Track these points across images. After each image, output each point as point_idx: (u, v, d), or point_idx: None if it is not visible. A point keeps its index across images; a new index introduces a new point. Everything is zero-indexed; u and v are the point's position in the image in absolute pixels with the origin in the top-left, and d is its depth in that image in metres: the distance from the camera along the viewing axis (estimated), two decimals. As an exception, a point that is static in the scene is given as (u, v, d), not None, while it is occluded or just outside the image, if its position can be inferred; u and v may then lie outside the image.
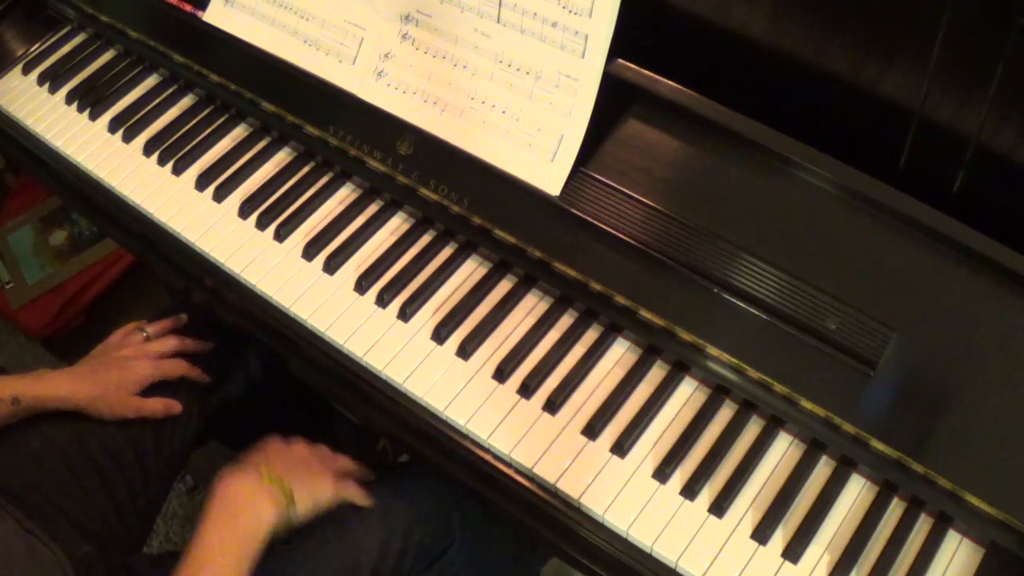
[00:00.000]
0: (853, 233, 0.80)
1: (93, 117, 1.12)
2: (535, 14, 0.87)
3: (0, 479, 0.91)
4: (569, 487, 0.80)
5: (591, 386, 0.86)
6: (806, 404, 0.79)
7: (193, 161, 1.06)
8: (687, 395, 0.85)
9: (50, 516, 0.90)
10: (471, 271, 0.94)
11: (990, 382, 0.74)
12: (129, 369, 1.01)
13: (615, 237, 0.85)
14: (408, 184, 0.95)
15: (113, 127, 1.10)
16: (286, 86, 1.02)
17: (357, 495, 0.93)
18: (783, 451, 0.82)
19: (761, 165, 0.83)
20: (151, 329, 1.09)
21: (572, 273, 0.87)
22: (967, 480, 0.73)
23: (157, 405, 1.02)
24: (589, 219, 0.86)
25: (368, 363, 0.88)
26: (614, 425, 0.83)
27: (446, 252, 0.95)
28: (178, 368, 1.05)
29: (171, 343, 1.07)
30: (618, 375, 0.86)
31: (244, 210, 1.00)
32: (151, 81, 1.15)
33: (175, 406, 1.03)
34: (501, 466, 0.83)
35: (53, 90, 1.16)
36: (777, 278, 0.80)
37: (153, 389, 1.03)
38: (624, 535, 0.78)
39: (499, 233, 0.91)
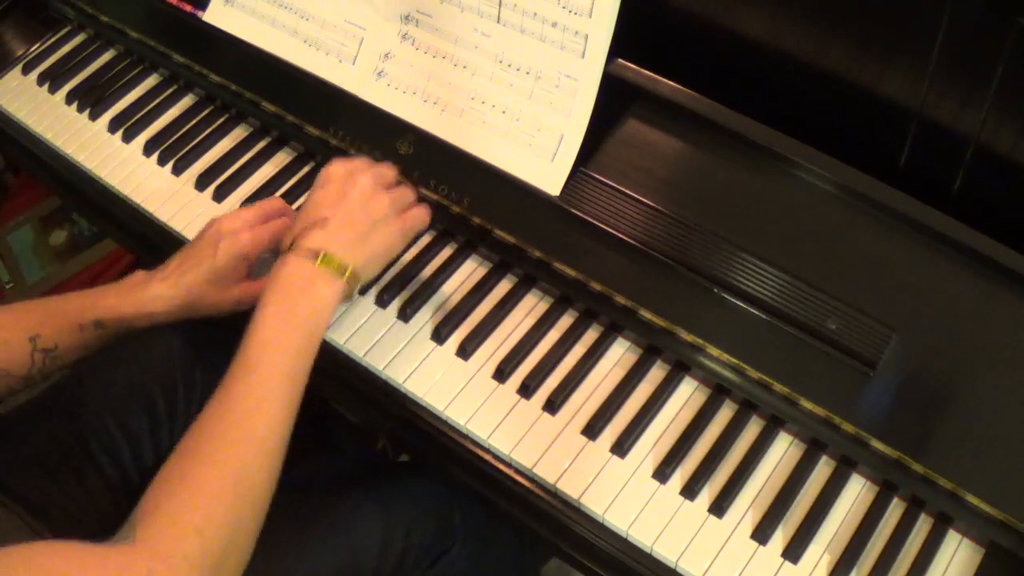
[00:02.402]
0: (853, 233, 0.80)
1: (93, 117, 1.12)
2: (535, 14, 0.87)
3: (3, 478, 0.91)
4: (569, 487, 0.80)
5: (591, 386, 0.86)
6: (806, 404, 0.79)
7: (193, 161, 1.06)
8: (687, 395, 0.85)
9: (54, 515, 0.90)
10: (471, 271, 0.94)
11: (990, 382, 0.74)
12: (222, 251, 0.85)
13: (615, 237, 0.85)
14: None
15: (113, 127, 1.10)
16: (286, 86, 1.02)
17: (420, 223, 0.85)
18: (783, 451, 0.82)
19: (761, 165, 0.83)
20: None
21: (572, 273, 0.87)
22: (967, 480, 0.73)
23: (255, 286, 0.87)
24: (589, 219, 0.86)
25: (368, 363, 0.88)
26: (614, 425, 0.83)
27: (446, 252, 0.95)
28: (271, 230, 0.88)
29: (270, 205, 0.90)
30: (618, 375, 0.86)
31: (244, 210, 1.00)
32: (151, 81, 1.15)
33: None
34: (501, 466, 0.83)
35: (53, 90, 1.16)
36: (777, 278, 0.80)
37: (152, 377, 1.02)
38: (624, 535, 0.78)
39: (499, 233, 0.91)
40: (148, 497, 0.69)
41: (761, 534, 0.77)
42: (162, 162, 1.06)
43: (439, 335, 0.89)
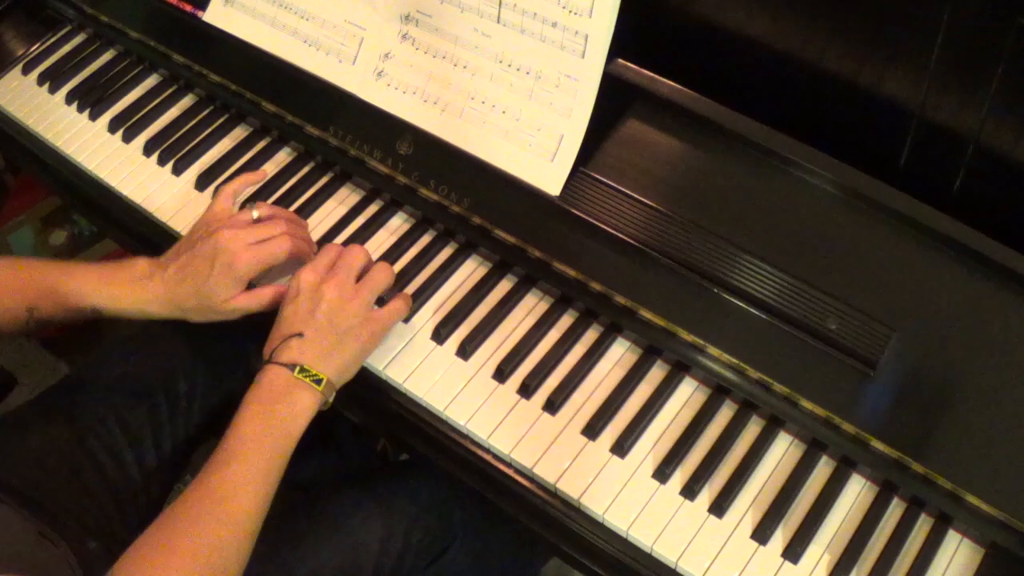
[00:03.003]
0: (853, 233, 0.80)
1: (93, 117, 1.12)
2: (535, 14, 0.87)
3: (4, 478, 0.91)
4: (569, 487, 0.80)
5: (591, 386, 0.86)
6: (806, 404, 0.79)
7: (193, 161, 1.06)
8: (687, 395, 0.85)
9: (55, 514, 0.90)
10: (471, 271, 0.94)
11: (990, 382, 0.74)
12: (217, 272, 0.86)
13: (615, 237, 0.85)
14: (408, 184, 0.95)
15: (113, 127, 1.10)
16: (286, 86, 1.02)
17: (397, 316, 0.88)
18: (783, 451, 0.82)
19: (761, 165, 0.83)
20: (261, 211, 0.91)
21: (572, 273, 0.87)
22: (967, 480, 0.73)
23: (264, 295, 0.88)
24: (589, 219, 0.86)
25: (368, 363, 0.88)
26: (614, 425, 0.83)
27: (446, 252, 0.95)
28: (288, 246, 0.88)
29: (280, 225, 0.89)
30: (618, 375, 0.86)
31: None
32: (151, 81, 1.15)
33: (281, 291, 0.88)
34: (501, 466, 0.83)
35: (53, 90, 1.16)
36: (777, 278, 0.80)
37: (153, 379, 1.02)
38: (624, 535, 0.78)
39: (499, 233, 0.91)
40: (124, 562, 0.72)
41: (761, 534, 0.77)
42: (162, 162, 1.06)
43: (439, 335, 0.89)
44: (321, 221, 0.99)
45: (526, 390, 0.85)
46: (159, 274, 0.88)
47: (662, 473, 0.80)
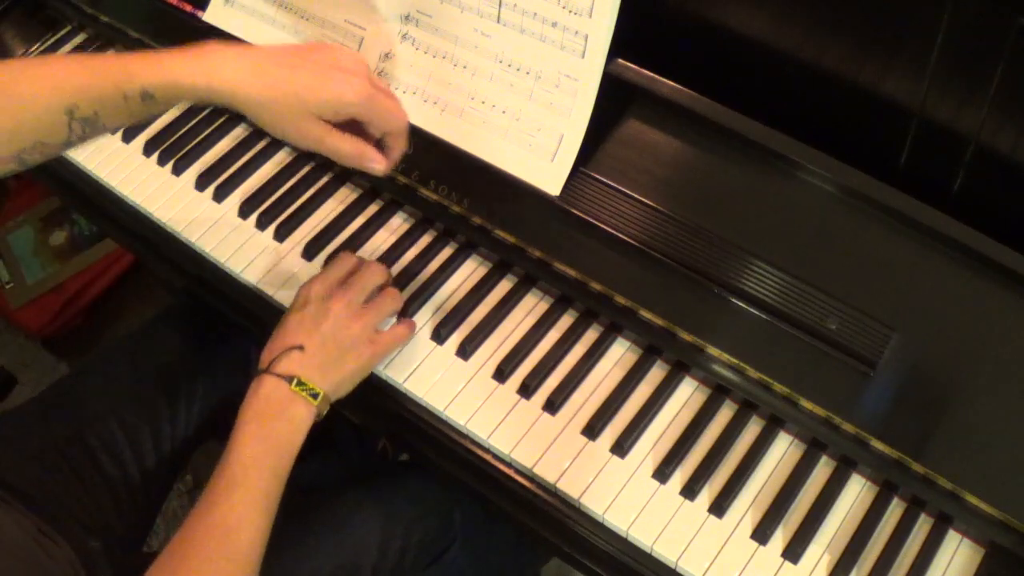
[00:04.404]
0: (853, 233, 0.80)
1: (93, 117, 1.12)
2: (535, 14, 0.87)
3: (5, 477, 0.91)
4: (569, 487, 0.80)
5: (591, 386, 0.86)
6: (806, 404, 0.79)
7: (193, 161, 1.06)
8: (687, 395, 0.85)
9: (56, 513, 0.90)
10: (471, 271, 0.94)
11: (990, 382, 0.74)
12: (335, 78, 0.76)
13: (615, 237, 0.85)
14: (408, 184, 0.95)
15: (113, 127, 1.10)
16: (286, 86, 1.02)
17: (394, 345, 0.86)
18: (783, 451, 0.82)
19: (761, 165, 0.83)
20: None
21: (572, 273, 0.87)
22: (967, 480, 0.73)
23: (339, 138, 0.79)
24: (589, 219, 0.86)
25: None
26: (614, 425, 0.83)
27: (446, 252, 0.95)
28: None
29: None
30: (618, 375, 0.86)
31: (244, 210, 1.00)
32: (151, 81, 1.15)
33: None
34: (501, 466, 0.83)
35: (53, 90, 1.16)
36: (777, 278, 0.80)
37: (153, 379, 1.02)
38: (624, 535, 0.78)
39: (499, 233, 0.91)
40: None
41: (761, 534, 0.77)
42: (162, 162, 1.06)
43: (439, 335, 0.89)
44: (321, 221, 0.99)
45: (526, 390, 0.85)
46: (239, 46, 0.76)
47: (662, 473, 0.80)
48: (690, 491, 0.79)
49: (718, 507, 0.78)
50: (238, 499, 0.74)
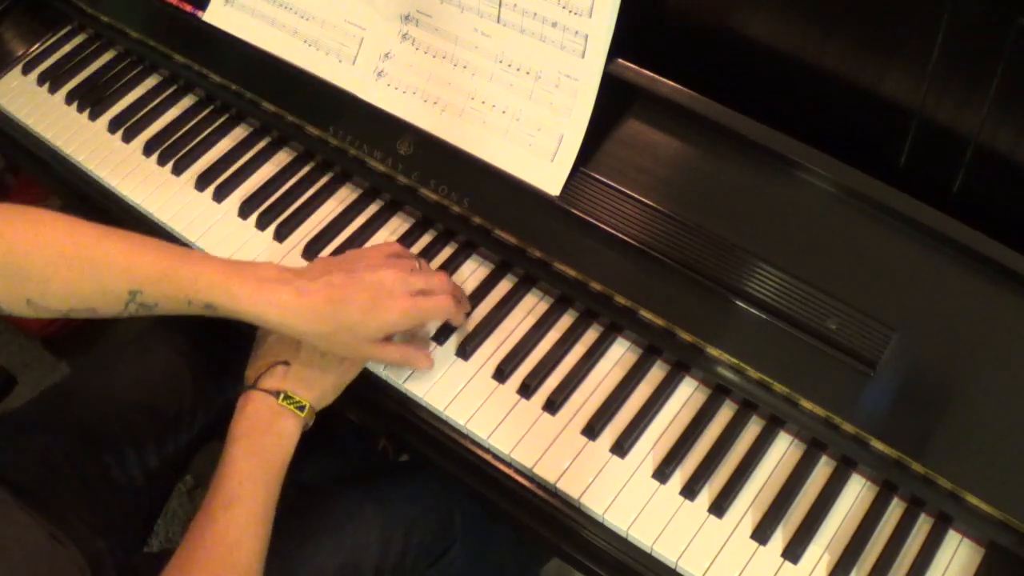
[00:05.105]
0: (853, 233, 0.80)
1: (93, 117, 1.12)
2: (535, 14, 0.87)
3: (11, 477, 0.91)
4: (569, 487, 0.80)
5: (591, 386, 0.86)
6: (806, 404, 0.79)
7: (193, 161, 1.06)
8: (687, 395, 0.85)
9: (62, 513, 0.90)
10: (471, 271, 0.94)
11: (990, 382, 0.74)
12: (382, 308, 0.79)
13: (615, 237, 0.85)
14: (408, 184, 0.95)
15: (113, 127, 1.10)
16: (286, 86, 1.02)
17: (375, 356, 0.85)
18: (783, 451, 0.82)
19: (761, 165, 0.83)
20: (424, 267, 0.87)
21: (572, 273, 0.87)
22: (967, 480, 0.73)
23: (402, 354, 0.84)
24: (589, 219, 0.86)
25: (368, 364, 0.88)
26: (614, 425, 0.83)
27: (446, 252, 0.95)
28: (449, 308, 0.84)
29: (445, 284, 0.86)
30: (618, 375, 0.86)
31: (244, 210, 1.00)
32: (151, 81, 1.15)
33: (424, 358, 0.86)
34: (501, 466, 0.83)
35: (53, 90, 1.16)
36: (777, 278, 0.80)
37: (156, 380, 1.02)
38: (624, 535, 0.78)
39: (499, 233, 0.91)
40: None
41: (761, 534, 0.77)
42: (162, 162, 1.06)
43: (439, 335, 0.89)
44: (321, 221, 0.99)
45: (526, 390, 0.85)
46: (296, 282, 0.78)
47: (662, 473, 0.80)
48: (690, 491, 0.79)
49: (718, 507, 0.78)
50: (236, 514, 0.76)
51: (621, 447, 0.81)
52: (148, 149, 1.07)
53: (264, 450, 0.80)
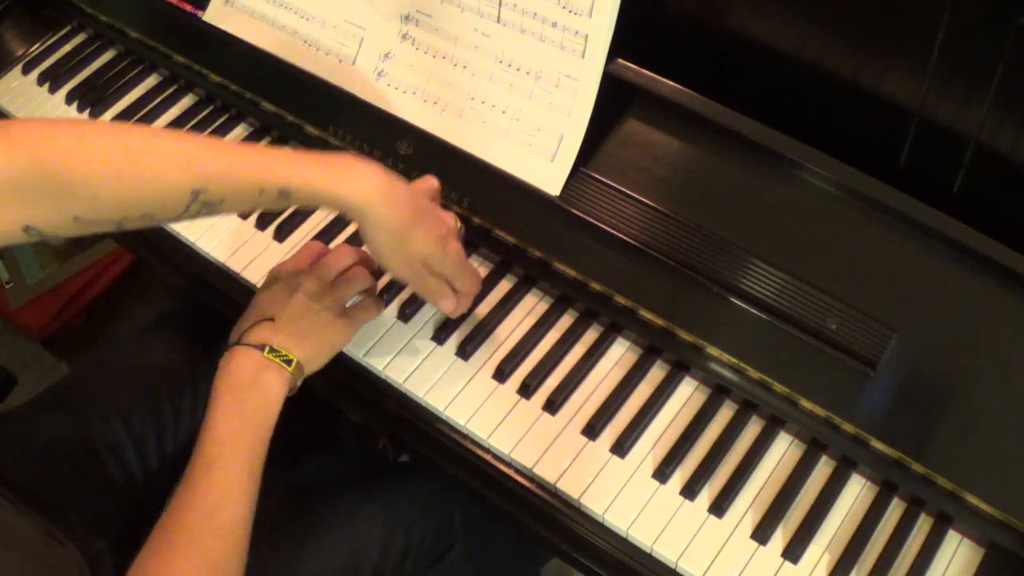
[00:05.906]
0: (853, 233, 0.80)
1: (93, 117, 1.12)
2: (535, 14, 0.87)
3: (10, 477, 0.91)
4: (569, 487, 0.80)
5: (591, 386, 0.86)
6: (806, 404, 0.79)
7: (193, 161, 1.06)
8: (687, 395, 0.85)
9: (62, 513, 0.90)
10: (471, 271, 0.94)
11: (990, 382, 0.74)
12: (438, 235, 0.81)
13: (615, 237, 0.85)
14: (408, 184, 0.95)
15: (113, 127, 1.10)
16: (286, 86, 1.02)
17: (370, 314, 0.86)
18: (783, 451, 0.82)
19: (761, 165, 0.83)
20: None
21: (572, 273, 0.87)
22: (967, 480, 0.73)
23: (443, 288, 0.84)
24: (589, 219, 0.86)
25: (368, 364, 0.88)
26: (614, 425, 0.83)
27: (446, 252, 0.95)
28: (473, 280, 0.86)
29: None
30: (618, 375, 0.86)
31: (244, 210, 1.00)
32: (151, 81, 1.15)
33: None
34: (501, 466, 0.83)
35: (53, 90, 1.16)
36: (777, 278, 0.80)
37: (156, 379, 1.02)
38: (624, 535, 0.78)
39: (499, 233, 0.91)
40: None
41: (761, 534, 0.77)
42: (162, 162, 1.06)
43: (439, 335, 0.89)
44: (321, 221, 0.99)
45: (526, 390, 0.85)
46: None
47: (662, 473, 0.80)
48: (690, 491, 0.79)
49: (718, 507, 0.78)
50: (217, 478, 0.73)
51: (621, 447, 0.81)
52: (148, 149, 1.07)
53: (247, 409, 0.76)
